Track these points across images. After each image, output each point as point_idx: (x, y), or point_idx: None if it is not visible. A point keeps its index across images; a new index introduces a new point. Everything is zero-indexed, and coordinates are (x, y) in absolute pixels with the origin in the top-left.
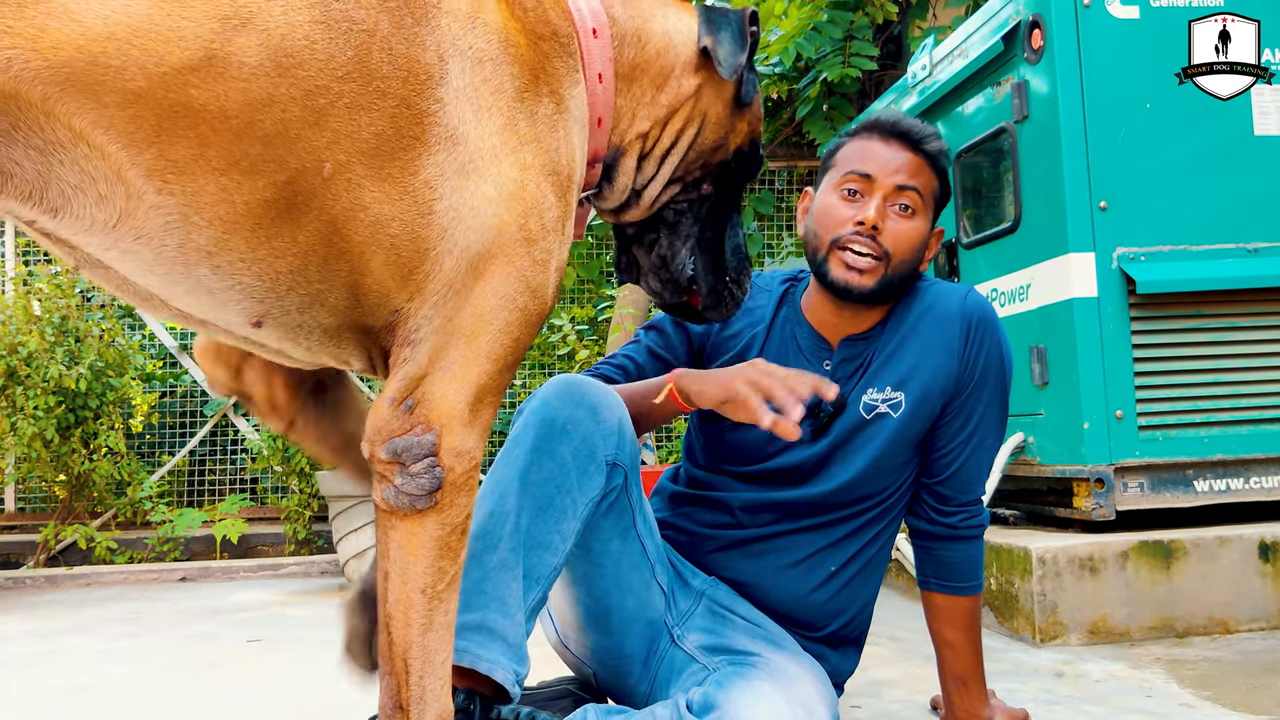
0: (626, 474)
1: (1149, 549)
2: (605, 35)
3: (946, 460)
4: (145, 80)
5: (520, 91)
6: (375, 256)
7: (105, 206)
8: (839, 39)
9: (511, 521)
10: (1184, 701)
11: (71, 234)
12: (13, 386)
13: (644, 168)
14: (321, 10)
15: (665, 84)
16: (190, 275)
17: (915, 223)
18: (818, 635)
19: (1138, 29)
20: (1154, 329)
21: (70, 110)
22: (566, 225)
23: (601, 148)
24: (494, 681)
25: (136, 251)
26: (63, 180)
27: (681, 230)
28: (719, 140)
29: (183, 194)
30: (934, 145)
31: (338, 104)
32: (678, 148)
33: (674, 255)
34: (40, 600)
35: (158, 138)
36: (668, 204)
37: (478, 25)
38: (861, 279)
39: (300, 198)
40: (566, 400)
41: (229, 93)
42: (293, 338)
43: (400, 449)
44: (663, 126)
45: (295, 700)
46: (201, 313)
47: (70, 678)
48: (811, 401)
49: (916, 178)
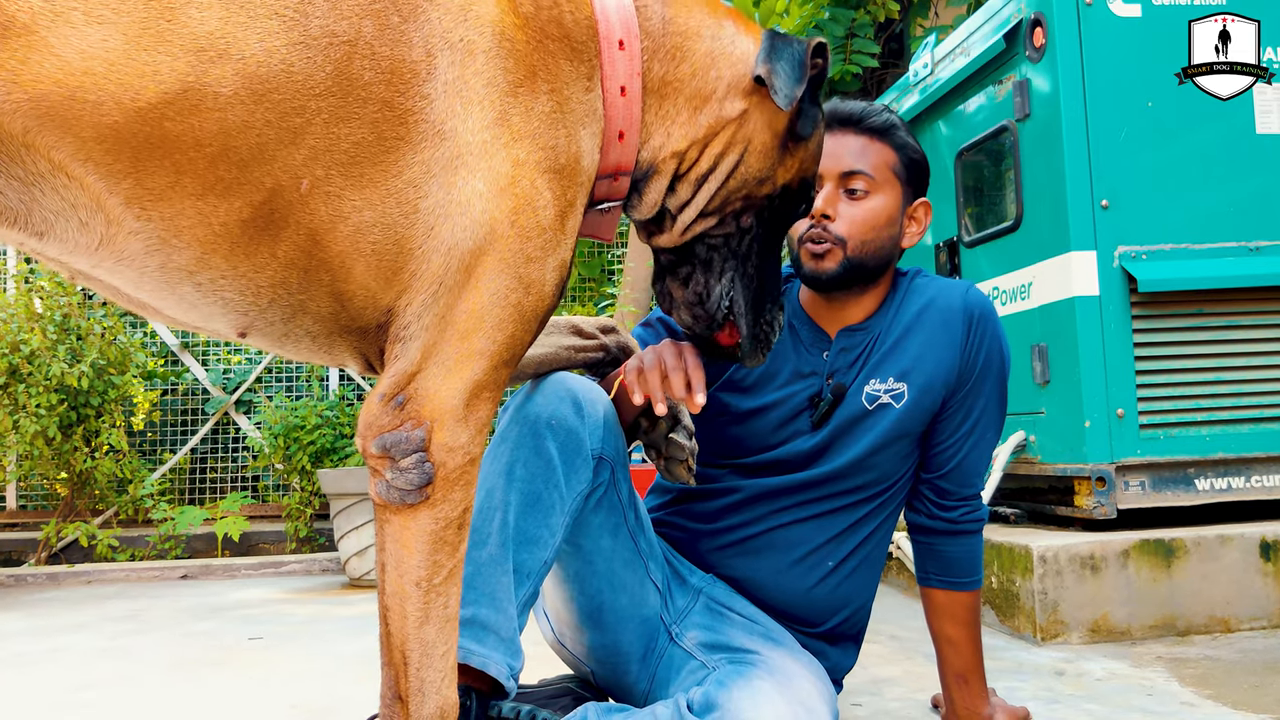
0: (614, 469)
1: (1150, 548)
2: (633, 48)
3: (947, 455)
4: (121, 115)
5: (514, 86)
6: (357, 263)
7: (87, 232)
8: (841, 37)
9: (499, 517)
10: (1185, 700)
11: (58, 255)
12: (15, 384)
13: (678, 189)
14: (300, 31)
15: (705, 105)
16: (174, 292)
17: (868, 203)
18: (816, 631)
19: (1140, 27)
20: (1155, 327)
21: (49, 143)
22: (568, 222)
23: (627, 162)
24: (489, 676)
25: (121, 271)
26: (45, 208)
27: (715, 265)
28: (764, 172)
29: (161, 219)
30: (877, 120)
31: (315, 121)
32: (717, 173)
33: (709, 291)
34: (41, 598)
35: (134, 168)
36: (703, 235)
37: (470, 17)
38: (822, 264)
39: (278, 214)
40: (551, 396)
41: (204, 123)
42: (280, 344)
43: (390, 444)
44: (702, 149)
45: (296, 698)
46: (191, 322)
47: (71, 675)
48: (812, 390)
49: (861, 159)
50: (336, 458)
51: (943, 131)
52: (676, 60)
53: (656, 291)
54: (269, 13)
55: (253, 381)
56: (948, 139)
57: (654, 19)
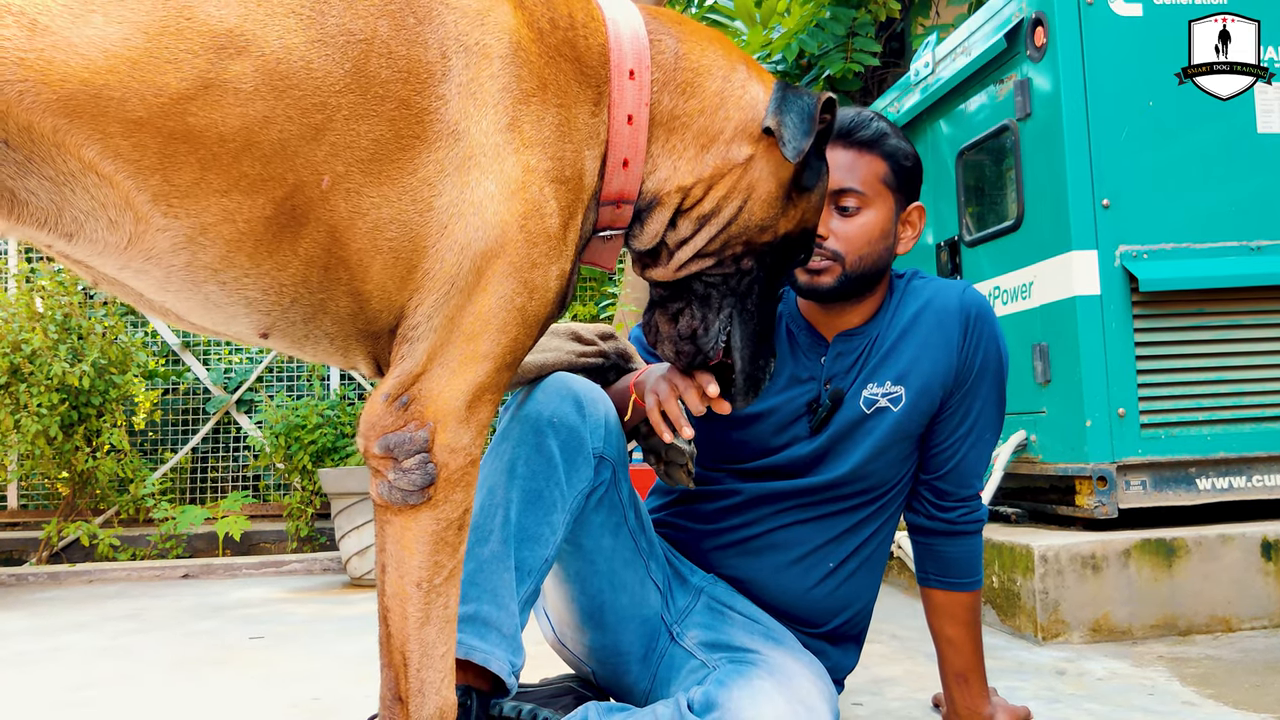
0: (614, 468)
1: (1151, 547)
2: (643, 78)
3: (946, 455)
4: (145, 110)
5: (526, 94)
6: (375, 261)
7: (116, 231)
8: (841, 35)
9: (501, 514)
10: (1186, 700)
11: (86, 256)
12: (16, 384)
13: (679, 225)
14: (318, 29)
15: (712, 144)
16: (199, 291)
17: (860, 219)
18: (818, 632)
19: (1141, 26)
20: (1157, 327)
21: (79, 141)
22: (569, 233)
23: (630, 190)
24: (490, 673)
25: (148, 271)
26: (75, 207)
27: (714, 301)
28: (767, 221)
29: (188, 216)
30: (865, 133)
31: (335, 117)
32: (719, 217)
33: (706, 326)
34: (43, 597)
35: (161, 164)
36: (700, 274)
37: (487, 23)
38: (819, 279)
39: (300, 211)
40: (552, 395)
41: (226, 118)
42: (300, 346)
43: (393, 444)
44: (707, 188)
45: (297, 697)
46: (214, 326)
47: (72, 674)
48: (810, 396)
49: (851, 175)
50: (337, 457)
51: (944, 131)
52: (686, 95)
53: (644, 323)
54: (286, 10)
55: (254, 381)
56: (949, 138)
57: (666, 52)
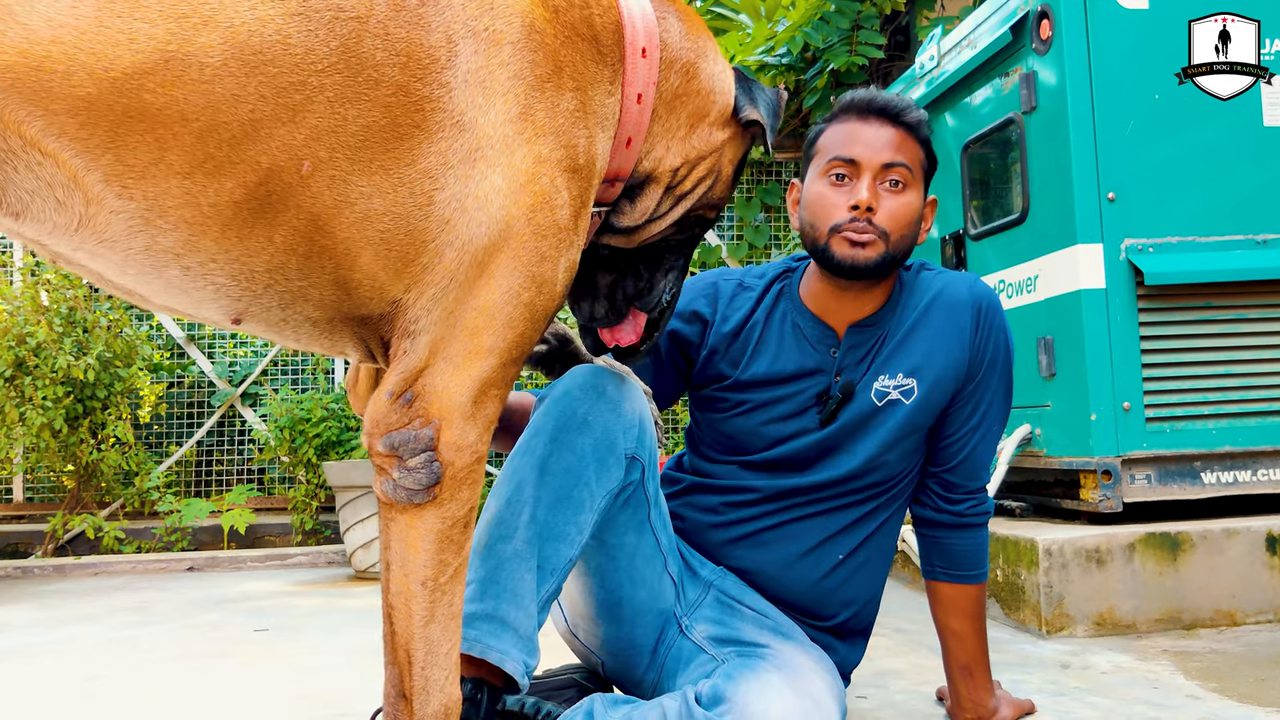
0: (644, 468)
1: (1156, 541)
2: (654, 57)
3: (955, 448)
4: (94, 86)
5: (541, 81)
6: (364, 251)
7: (64, 211)
8: (846, 29)
9: (528, 512)
10: (1190, 693)
11: (36, 235)
12: (21, 377)
13: (663, 202)
14: (298, 1)
15: (699, 125)
16: (160, 276)
17: (906, 197)
18: (826, 625)
19: (1146, 20)
20: (1162, 320)
21: (19, 118)
22: (580, 224)
23: (627, 168)
24: (503, 672)
25: (104, 254)
26: (19, 186)
27: (666, 262)
28: (721, 200)
29: (144, 198)
30: (913, 116)
31: (318, 99)
32: (693, 195)
33: (652, 285)
34: (48, 590)
35: (113, 143)
36: (660, 240)
37: (498, 7)
38: (866, 252)
39: (275, 197)
40: (589, 391)
41: (189, 95)
42: (278, 331)
43: (398, 443)
44: (691, 168)
45: (302, 689)
46: (181, 308)
47: (78, 667)
48: (819, 387)
49: (901, 152)
50: (342, 450)
51: (949, 124)
52: (687, 76)
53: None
54: None
55: (259, 374)
56: (954, 131)
57: (672, 32)
